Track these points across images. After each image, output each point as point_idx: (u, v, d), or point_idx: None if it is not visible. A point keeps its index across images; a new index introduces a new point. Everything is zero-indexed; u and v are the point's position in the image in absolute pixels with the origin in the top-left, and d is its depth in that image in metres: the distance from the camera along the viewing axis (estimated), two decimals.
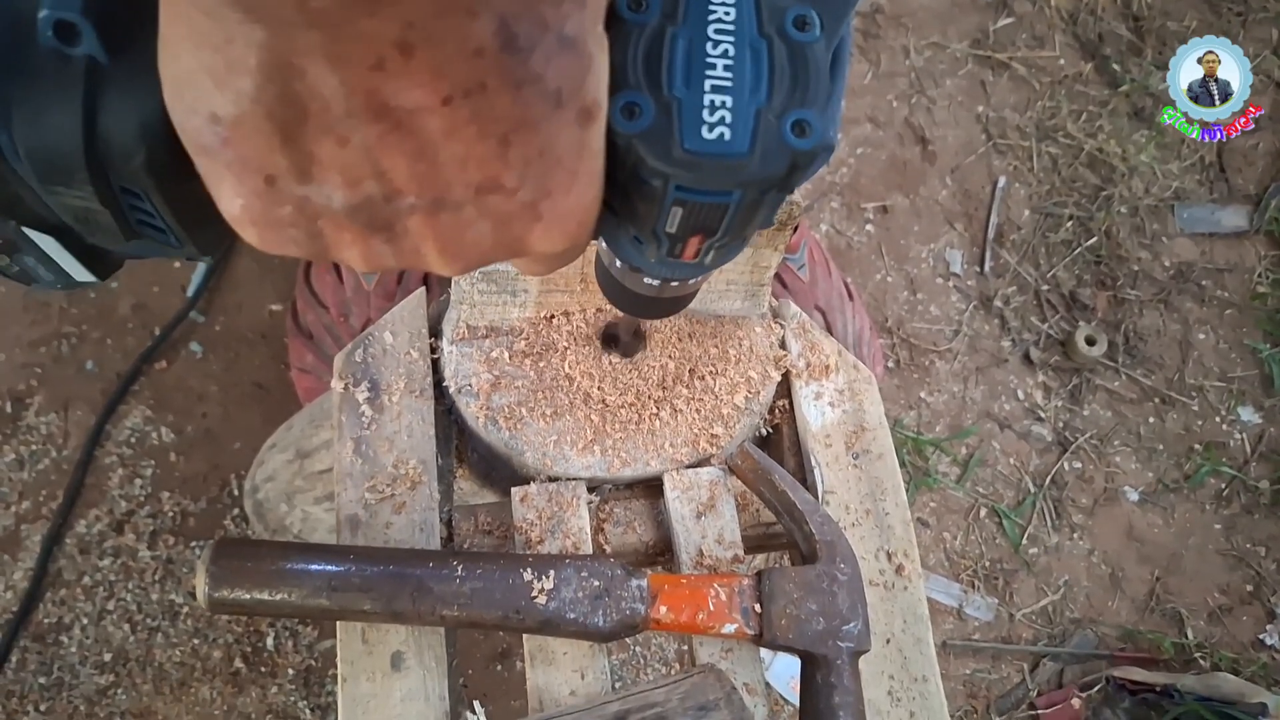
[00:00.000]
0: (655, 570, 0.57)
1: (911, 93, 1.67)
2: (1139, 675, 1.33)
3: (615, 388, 0.63)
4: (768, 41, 0.28)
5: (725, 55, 0.28)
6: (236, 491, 1.31)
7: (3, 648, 1.20)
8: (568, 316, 0.65)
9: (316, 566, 0.50)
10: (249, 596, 0.50)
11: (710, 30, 0.28)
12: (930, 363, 1.52)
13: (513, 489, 0.60)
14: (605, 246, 0.37)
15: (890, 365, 1.51)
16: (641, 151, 0.28)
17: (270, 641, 1.26)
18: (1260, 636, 1.43)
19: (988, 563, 1.43)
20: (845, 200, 1.59)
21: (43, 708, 1.20)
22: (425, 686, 0.53)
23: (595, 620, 0.51)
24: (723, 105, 0.28)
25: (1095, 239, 1.61)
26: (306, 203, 0.27)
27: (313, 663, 1.25)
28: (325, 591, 0.50)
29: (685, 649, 0.79)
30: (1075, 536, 1.46)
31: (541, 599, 0.51)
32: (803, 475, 0.64)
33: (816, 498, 0.61)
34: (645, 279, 0.37)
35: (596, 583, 0.52)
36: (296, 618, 1.13)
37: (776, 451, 0.67)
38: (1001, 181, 1.63)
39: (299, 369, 1.12)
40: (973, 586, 1.41)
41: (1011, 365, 1.54)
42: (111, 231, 0.31)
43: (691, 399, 0.63)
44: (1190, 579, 1.45)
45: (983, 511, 1.46)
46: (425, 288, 0.67)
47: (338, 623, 0.54)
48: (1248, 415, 1.55)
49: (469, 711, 0.53)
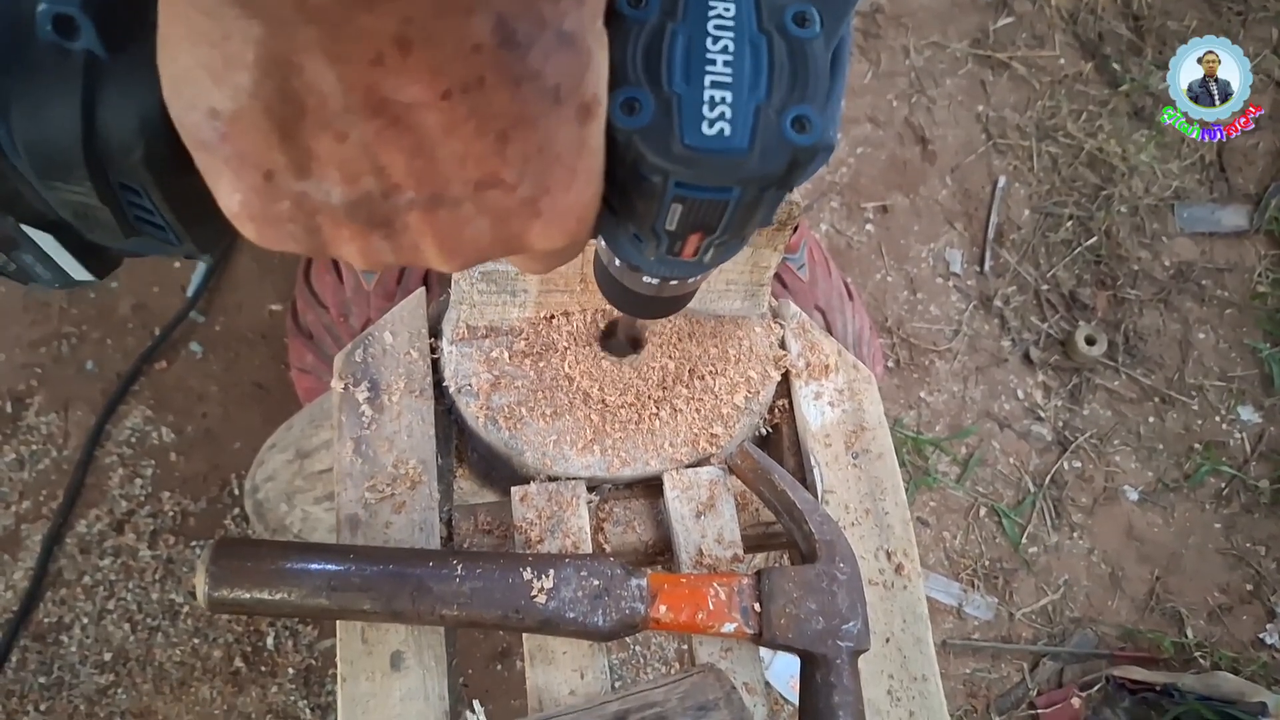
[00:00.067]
0: (655, 570, 0.57)
1: (911, 92, 1.67)
2: (1139, 674, 1.33)
3: (615, 387, 0.63)
4: (767, 37, 0.28)
5: (725, 51, 0.28)
6: (236, 491, 1.31)
7: (3, 647, 1.20)
8: (567, 316, 0.65)
9: (316, 566, 0.50)
10: (249, 596, 0.50)
11: (710, 26, 0.28)
12: (930, 362, 1.52)
13: (512, 489, 0.60)
14: (604, 245, 0.37)
15: (890, 365, 1.51)
16: (641, 147, 0.28)
17: (270, 641, 1.26)
18: (1260, 635, 1.43)
19: (987, 562, 1.43)
20: (845, 200, 1.59)
21: (43, 707, 1.20)
22: (425, 686, 0.53)
23: (595, 620, 0.51)
24: (722, 101, 0.28)
25: (1095, 239, 1.61)
26: (305, 198, 0.27)
27: (313, 662, 1.25)
28: (325, 591, 0.50)
29: (685, 648, 0.79)
30: (1075, 536, 1.46)
31: (541, 598, 0.51)
32: (802, 475, 0.63)
33: (816, 497, 0.61)
34: (644, 278, 0.37)
35: (596, 582, 0.52)
36: (296, 617, 1.14)
37: (776, 451, 0.67)
38: (1001, 181, 1.63)
39: (299, 369, 1.12)
40: (972, 586, 1.41)
41: (1011, 365, 1.54)
42: (110, 228, 0.31)
43: (691, 399, 0.63)
44: (1190, 578, 1.45)
45: (982, 511, 1.46)
46: (425, 288, 0.67)
47: (337, 622, 0.54)
48: (1248, 415, 1.55)
49: (469, 711, 0.53)
